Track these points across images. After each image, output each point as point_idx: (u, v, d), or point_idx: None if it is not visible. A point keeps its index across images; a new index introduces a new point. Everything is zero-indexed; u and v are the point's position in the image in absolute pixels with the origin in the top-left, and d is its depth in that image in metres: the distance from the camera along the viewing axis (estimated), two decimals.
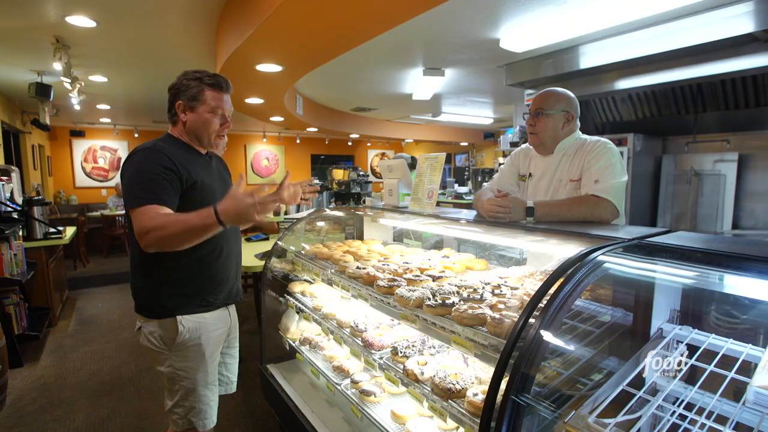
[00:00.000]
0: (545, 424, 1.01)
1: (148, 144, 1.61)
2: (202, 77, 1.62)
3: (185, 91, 1.61)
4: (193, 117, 1.63)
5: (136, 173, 1.51)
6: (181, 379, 1.65)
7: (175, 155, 1.57)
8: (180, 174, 1.54)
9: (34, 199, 4.44)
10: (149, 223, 1.41)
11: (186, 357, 1.64)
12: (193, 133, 1.66)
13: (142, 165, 1.52)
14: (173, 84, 1.65)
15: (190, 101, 1.62)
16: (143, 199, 1.46)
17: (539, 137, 1.94)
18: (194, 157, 1.67)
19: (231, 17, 3.23)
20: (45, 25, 3.50)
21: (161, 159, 1.53)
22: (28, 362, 3.64)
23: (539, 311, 1.02)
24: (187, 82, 1.62)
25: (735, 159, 3.52)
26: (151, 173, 1.49)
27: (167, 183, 1.51)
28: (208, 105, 1.62)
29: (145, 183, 1.48)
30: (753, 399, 0.83)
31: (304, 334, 2.52)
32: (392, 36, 3.19)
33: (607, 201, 1.72)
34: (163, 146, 1.59)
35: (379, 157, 13.59)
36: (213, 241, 1.59)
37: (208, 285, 1.68)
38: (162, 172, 1.50)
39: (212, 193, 1.65)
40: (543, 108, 1.91)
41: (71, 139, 9.30)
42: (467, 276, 1.90)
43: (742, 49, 2.86)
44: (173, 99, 1.64)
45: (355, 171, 5.22)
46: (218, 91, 1.64)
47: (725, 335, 1.19)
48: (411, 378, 1.59)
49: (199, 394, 1.67)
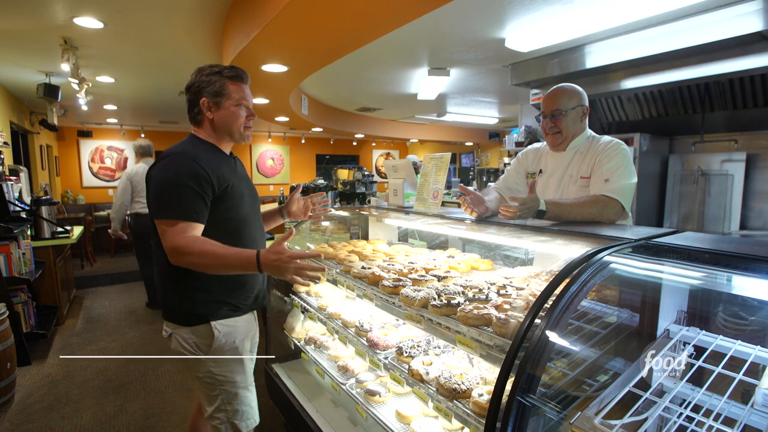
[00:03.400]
0: (551, 425, 1.00)
1: (178, 149, 1.57)
2: (221, 71, 1.58)
3: (208, 87, 1.57)
4: (219, 113, 1.59)
5: (168, 181, 1.48)
6: (221, 383, 1.61)
7: (206, 161, 1.53)
8: (212, 182, 1.51)
9: (42, 198, 4.48)
10: (186, 246, 1.40)
11: (224, 361, 1.60)
12: (223, 128, 1.62)
13: (174, 173, 1.48)
14: (192, 82, 1.60)
15: (215, 97, 1.58)
16: (175, 213, 1.43)
17: (563, 135, 1.92)
18: (222, 160, 1.64)
19: (237, 18, 3.24)
20: (53, 27, 3.53)
21: (194, 167, 1.49)
22: (36, 360, 3.67)
23: (545, 312, 1.01)
24: (207, 78, 1.57)
25: (743, 159, 3.48)
26: (183, 184, 1.46)
27: (200, 197, 1.48)
28: (232, 98, 1.59)
29: (177, 194, 1.45)
30: (762, 401, 0.82)
31: (309, 333, 2.53)
32: (397, 36, 3.19)
33: (615, 201, 1.71)
34: (194, 152, 1.54)
35: (384, 157, 13.59)
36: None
37: (239, 291, 1.65)
38: (195, 183, 1.47)
39: (241, 197, 1.63)
40: (560, 108, 1.89)
41: (79, 140, 9.37)
42: (472, 276, 1.90)
43: (749, 48, 2.83)
44: (195, 97, 1.60)
45: (360, 171, 5.22)
46: (239, 82, 1.61)
47: (733, 337, 1.18)
48: (416, 378, 1.59)
49: (240, 396, 1.64)
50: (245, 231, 1.67)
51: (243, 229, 1.65)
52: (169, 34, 3.81)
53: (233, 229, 1.61)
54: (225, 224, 1.58)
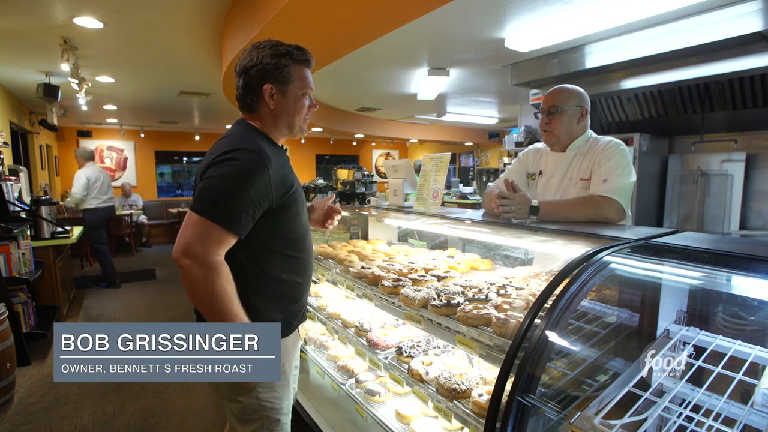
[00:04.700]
0: (551, 425, 1.00)
1: (247, 143, 1.30)
2: (291, 52, 1.36)
3: (276, 71, 1.34)
4: (283, 101, 1.38)
5: (228, 180, 1.24)
6: (265, 409, 1.43)
7: (275, 166, 1.31)
8: (272, 194, 1.30)
9: (41, 198, 4.48)
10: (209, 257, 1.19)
11: (272, 386, 1.42)
12: (284, 120, 1.41)
13: (239, 174, 1.25)
14: (252, 62, 1.35)
15: (282, 84, 1.36)
16: (215, 214, 1.22)
17: (555, 134, 1.92)
18: (283, 158, 1.43)
19: (237, 17, 3.24)
20: (53, 27, 3.53)
21: (262, 175, 1.26)
22: (35, 360, 3.67)
23: (545, 312, 1.01)
24: (275, 60, 1.34)
25: (742, 159, 3.48)
26: (242, 189, 1.24)
27: (251, 210, 1.26)
28: (299, 86, 1.39)
29: (231, 196, 1.23)
30: (761, 401, 0.82)
31: (309, 333, 2.53)
32: (397, 36, 3.19)
33: (612, 201, 1.71)
34: (267, 153, 1.30)
35: (383, 157, 13.59)
36: (308, 267, 1.49)
37: (294, 308, 1.49)
38: (255, 194, 1.26)
39: (302, 205, 1.46)
40: (557, 105, 1.89)
41: (78, 140, 9.37)
42: (472, 276, 1.90)
43: (749, 48, 2.83)
44: (258, 81, 1.35)
45: (360, 171, 5.22)
46: (308, 67, 1.42)
47: (733, 337, 1.18)
48: (416, 378, 1.59)
49: (282, 423, 1.48)
50: (306, 239, 1.48)
51: (304, 238, 1.47)
52: (169, 34, 3.81)
53: (295, 240, 1.43)
54: (288, 233, 1.40)
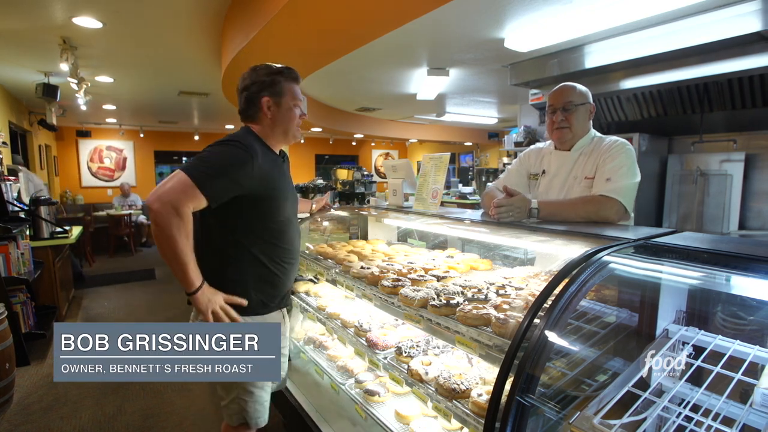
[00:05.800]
0: (550, 425, 1.00)
1: (241, 139, 1.60)
2: (283, 71, 1.69)
3: (271, 86, 1.66)
4: (278, 111, 1.68)
5: (213, 152, 1.53)
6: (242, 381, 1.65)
7: (262, 161, 1.58)
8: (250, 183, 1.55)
9: (41, 198, 4.47)
10: (174, 208, 1.39)
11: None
12: (280, 127, 1.70)
13: (225, 149, 1.54)
14: (251, 81, 1.67)
15: (277, 96, 1.66)
16: (194, 173, 1.44)
17: (572, 130, 1.90)
18: (275, 162, 1.70)
19: (236, 18, 3.24)
20: (52, 26, 3.53)
21: (246, 160, 1.53)
22: (35, 361, 3.67)
23: (544, 312, 1.01)
24: (270, 77, 1.66)
25: (742, 159, 3.49)
26: (225, 163, 1.51)
27: (230, 183, 1.51)
28: (290, 98, 1.69)
29: (212, 164, 1.49)
30: (760, 401, 0.83)
31: (308, 333, 2.53)
32: (397, 36, 3.19)
33: (614, 201, 1.70)
34: (256, 148, 1.59)
35: (383, 157, 13.59)
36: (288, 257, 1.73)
37: (272, 292, 1.71)
38: (234, 170, 1.51)
39: (284, 200, 1.70)
40: (572, 101, 1.87)
41: (77, 139, 9.37)
42: (472, 276, 1.90)
43: (749, 49, 2.83)
44: (257, 95, 1.66)
45: (359, 171, 5.22)
46: (297, 83, 1.72)
47: (732, 337, 1.18)
48: (415, 378, 1.59)
49: (256, 395, 1.69)
50: (287, 231, 1.74)
51: (286, 230, 1.73)
52: (168, 33, 3.81)
53: (277, 230, 1.69)
54: (270, 223, 1.66)
